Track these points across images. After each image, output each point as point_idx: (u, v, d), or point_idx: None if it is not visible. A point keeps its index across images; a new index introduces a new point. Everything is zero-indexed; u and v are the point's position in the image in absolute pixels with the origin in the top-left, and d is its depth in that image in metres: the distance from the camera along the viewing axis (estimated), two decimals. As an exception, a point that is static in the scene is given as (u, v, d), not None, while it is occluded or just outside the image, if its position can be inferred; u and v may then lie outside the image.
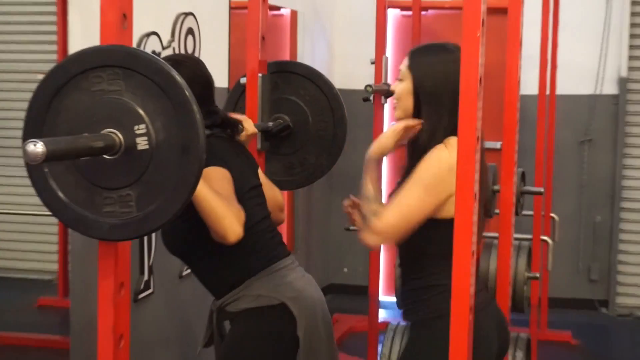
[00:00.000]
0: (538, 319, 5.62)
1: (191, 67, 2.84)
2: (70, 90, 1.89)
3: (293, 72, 3.42)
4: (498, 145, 7.31)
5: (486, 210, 2.93)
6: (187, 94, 1.85)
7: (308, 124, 3.40)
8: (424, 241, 2.61)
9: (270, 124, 3.33)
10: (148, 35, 4.05)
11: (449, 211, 2.49)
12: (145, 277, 4.20)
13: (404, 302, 2.77)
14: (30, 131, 1.89)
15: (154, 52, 3.82)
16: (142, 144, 1.85)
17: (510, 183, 3.29)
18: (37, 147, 1.63)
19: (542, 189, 4.22)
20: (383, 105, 5.22)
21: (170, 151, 1.85)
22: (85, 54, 1.89)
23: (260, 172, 3.04)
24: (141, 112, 1.86)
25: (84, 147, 1.81)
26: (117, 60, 1.86)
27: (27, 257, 4.24)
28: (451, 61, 2.54)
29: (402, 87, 2.65)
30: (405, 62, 2.67)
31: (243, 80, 3.29)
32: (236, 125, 2.96)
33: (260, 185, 2.98)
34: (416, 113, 2.63)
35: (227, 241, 2.65)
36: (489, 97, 2.40)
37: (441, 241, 2.47)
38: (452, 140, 2.54)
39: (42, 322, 4.21)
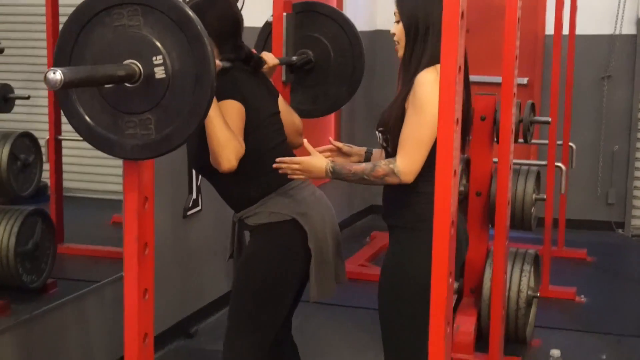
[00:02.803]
0: (554, 237, 5.58)
1: (223, 5, 2.84)
2: (95, 26, 1.88)
3: (317, 11, 3.38)
4: (525, 80, 7.20)
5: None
6: (199, 28, 1.83)
7: (330, 59, 3.35)
8: None
9: (295, 58, 3.30)
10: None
11: None
12: (194, 196, 4.25)
13: (388, 206, 2.71)
14: (60, 62, 1.89)
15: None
16: (159, 73, 1.84)
17: (509, 113, 3.22)
18: (56, 74, 1.64)
19: (549, 119, 4.12)
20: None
21: (184, 80, 1.84)
22: (107, -7, 1.89)
23: (280, 100, 3.01)
24: (158, 44, 1.84)
25: (107, 76, 1.81)
26: (135, -3, 1.86)
27: (104, 180, 4.30)
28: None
29: (398, 28, 2.63)
30: (395, 6, 2.64)
31: (270, 19, 3.27)
32: (259, 61, 2.94)
33: (279, 112, 2.95)
34: (410, 47, 2.60)
35: (220, 169, 2.66)
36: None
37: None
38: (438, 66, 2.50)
39: (115, 236, 4.29)
